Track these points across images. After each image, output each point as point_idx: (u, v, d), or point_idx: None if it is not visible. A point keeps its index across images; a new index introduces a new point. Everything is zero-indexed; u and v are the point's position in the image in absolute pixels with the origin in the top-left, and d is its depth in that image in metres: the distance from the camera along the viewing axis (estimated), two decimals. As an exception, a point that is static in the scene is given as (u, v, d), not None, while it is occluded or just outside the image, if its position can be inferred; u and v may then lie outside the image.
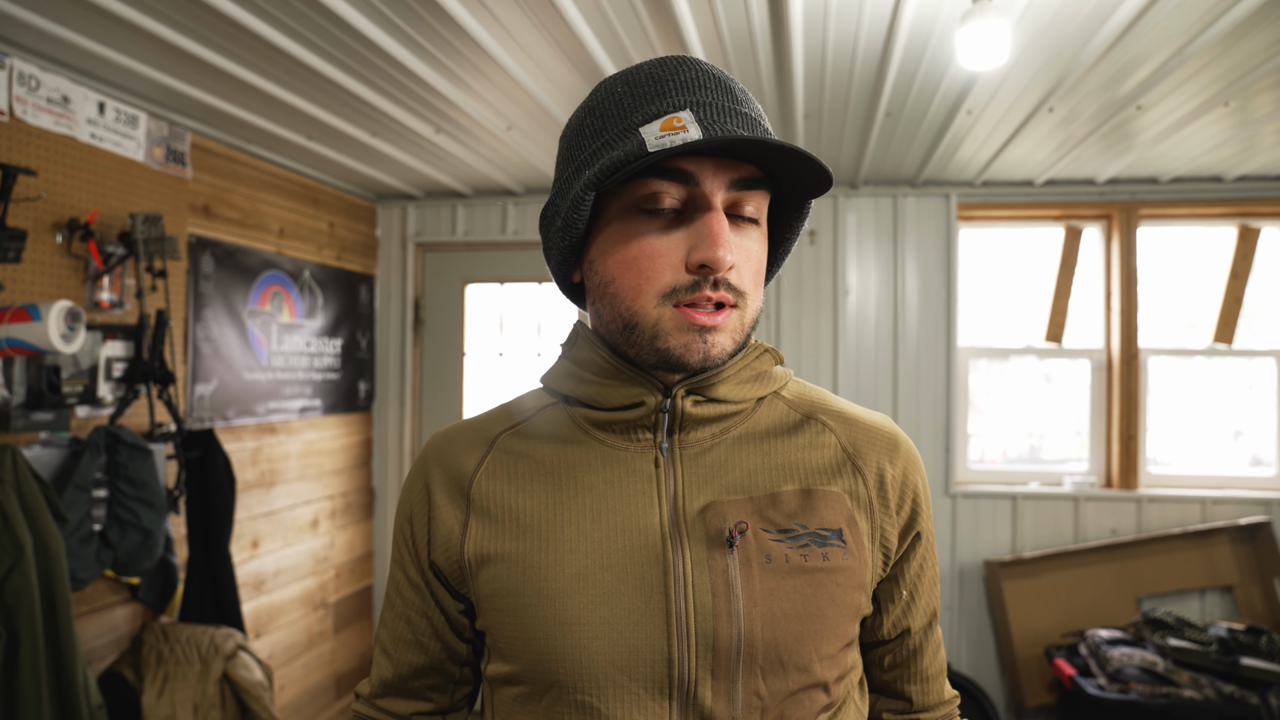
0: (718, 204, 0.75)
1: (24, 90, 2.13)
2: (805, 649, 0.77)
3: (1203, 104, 2.58)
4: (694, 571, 0.76)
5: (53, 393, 2.12)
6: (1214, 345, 3.61)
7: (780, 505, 0.80)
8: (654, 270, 0.75)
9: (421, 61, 2.25)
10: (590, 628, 0.76)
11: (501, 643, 0.80)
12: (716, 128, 0.73)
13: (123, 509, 2.23)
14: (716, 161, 0.75)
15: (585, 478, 0.81)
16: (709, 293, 0.74)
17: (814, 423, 0.86)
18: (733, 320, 0.77)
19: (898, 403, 3.66)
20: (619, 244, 0.77)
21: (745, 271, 0.77)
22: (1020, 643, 3.43)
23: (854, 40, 2.17)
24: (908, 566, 0.87)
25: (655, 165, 0.74)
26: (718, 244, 0.73)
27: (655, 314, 0.76)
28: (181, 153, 2.70)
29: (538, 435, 0.86)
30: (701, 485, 0.80)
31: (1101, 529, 3.52)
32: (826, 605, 0.78)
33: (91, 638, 2.34)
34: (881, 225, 3.70)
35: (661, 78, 0.78)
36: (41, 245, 2.18)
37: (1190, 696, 2.84)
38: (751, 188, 0.77)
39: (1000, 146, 3.07)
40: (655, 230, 0.76)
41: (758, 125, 0.77)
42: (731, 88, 0.79)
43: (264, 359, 3.14)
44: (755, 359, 0.86)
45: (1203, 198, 3.53)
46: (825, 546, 0.79)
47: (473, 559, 0.82)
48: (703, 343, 0.76)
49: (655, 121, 0.74)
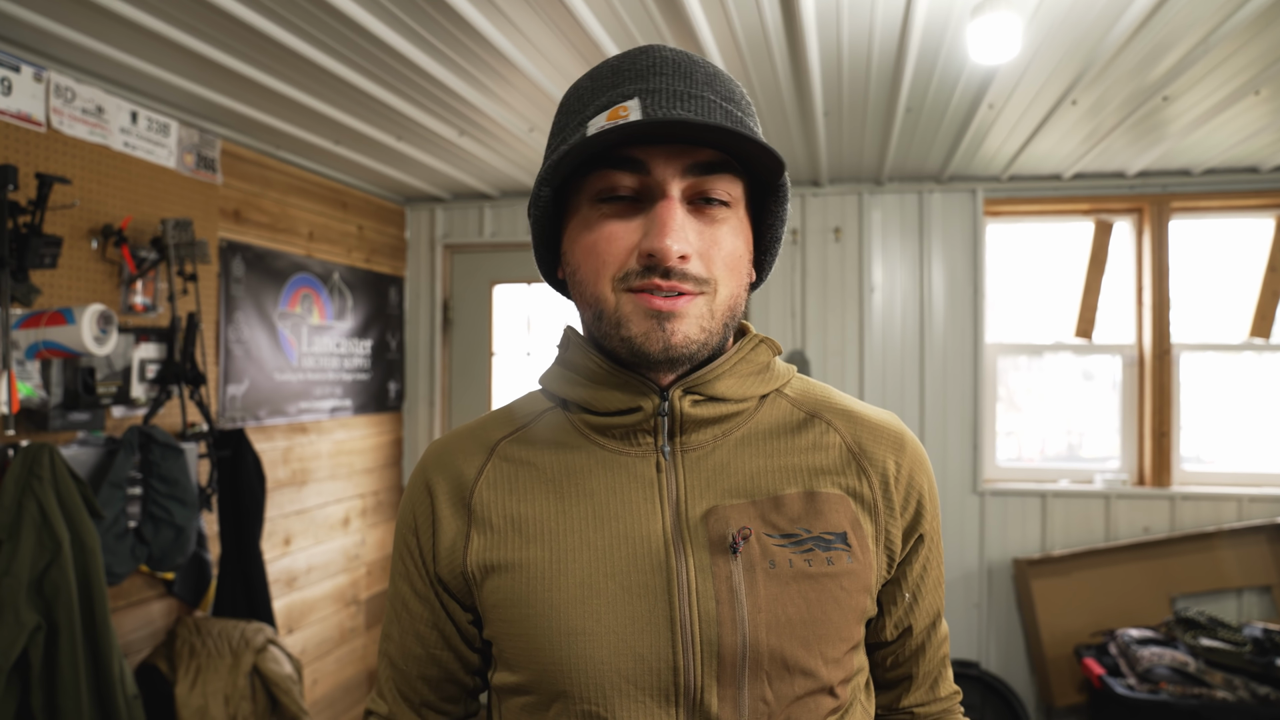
0: (672, 192, 0.73)
1: (60, 102, 2.21)
2: (811, 654, 0.76)
3: (1233, 93, 2.53)
4: (697, 578, 0.75)
5: (88, 394, 2.19)
6: (1250, 340, 3.53)
7: (784, 509, 0.79)
8: (610, 254, 0.75)
9: (442, 67, 2.29)
10: (595, 637, 0.75)
11: (508, 653, 0.80)
12: (659, 112, 0.71)
13: (156, 506, 2.30)
14: (669, 148, 0.73)
15: (587, 484, 0.80)
16: (659, 281, 0.73)
17: (818, 422, 0.85)
18: (697, 307, 0.75)
19: (924, 400, 3.63)
20: (582, 232, 0.77)
21: (713, 258, 0.75)
22: (1049, 642, 3.38)
23: (869, 36, 2.17)
24: (910, 568, 0.86)
25: (607, 155, 0.74)
26: (664, 233, 0.71)
27: (614, 300, 0.75)
28: (212, 159, 2.77)
29: (538, 441, 0.85)
30: (704, 489, 0.79)
31: (1133, 527, 3.47)
32: (831, 609, 0.77)
33: (129, 631, 2.42)
34: (907, 222, 3.68)
35: (619, 68, 0.78)
36: (77, 251, 2.26)
37: (1223, 698, 2.79)
38: (714, 172, 0.75)
39: (1025, 140, 3.03)
40: (613, 217, 0.75)
41: (714, 108, 0.75)
42: (693, 73, 0.77)
43: (294, 360, 3.21)
44: (752, 350, 0.84)
45: (1238, 189, 3.46)
46: (829, 550, 0.78)
47: (476, 570, 0.81)
48: (662, 330, 0.73)
49: (603, 113, 0.73)
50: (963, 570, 3.59)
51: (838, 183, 3.70)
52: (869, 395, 3.62)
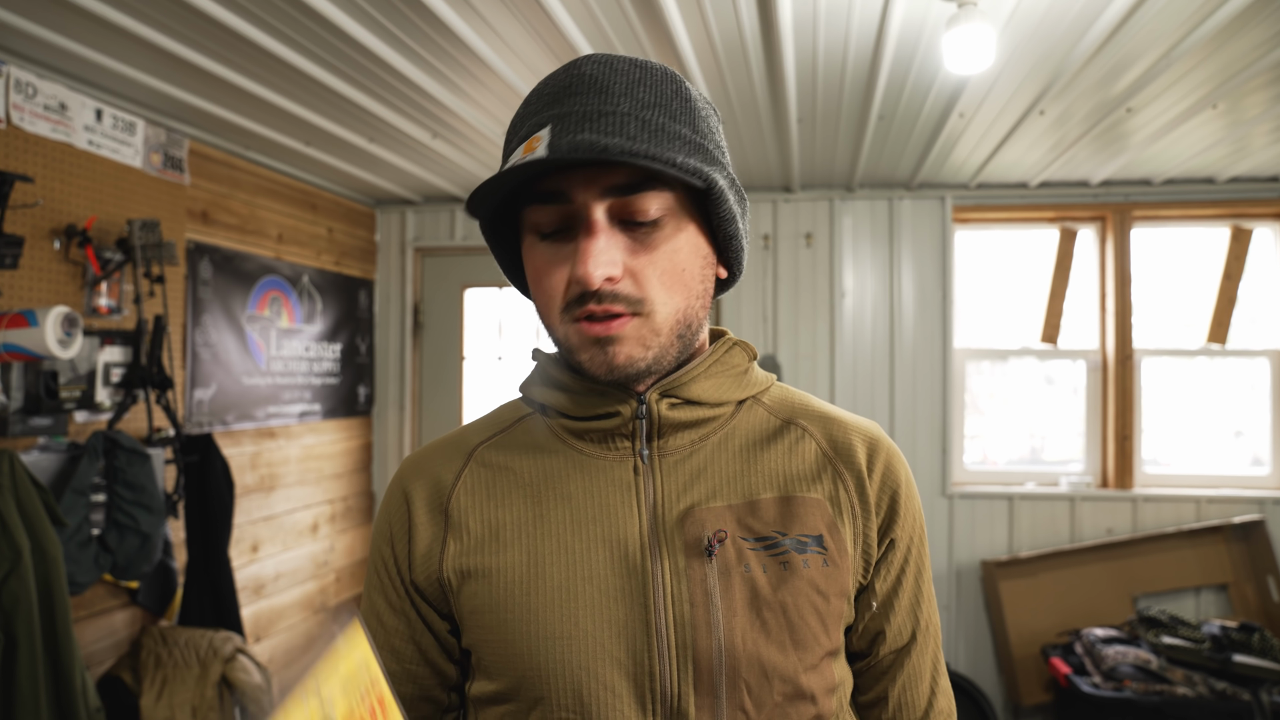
0: (596, 215, 0.72)
1: (21, 98, 2.15)
2: (788, 659, 0.76)
3: (1192, 105, 2.60)
4: (673, 581, 0.75)
5: (50, 398, 2.13)
6: (1208, 345, 3.63)
7: (759, 513, 0.79)
8: (551, 288, 0.75)
9: (416, 67, 2.27)
10: (574, 641, 0.75)
11: (486, 660, 0.79)
12: (564, 141, 0.69)
13: (121, 513, 2.24)
14: (587, 171, 0.71)
15: (564, 488, 0.80)
16: (593, 307, 0.73)
17: (794, 428, 0.84)
18: (634, 328, 0.74)
19: (894, 404, 3.67)
20: (529, 264, 0.78)
21: (647, 277, 0.73)
22: (1017, 642, 3.44)
23: (844, 44, 2.19)
24: (880, 575, 0.83)
25: (530, 189, 0.73)
26: (583, 261, 0.71)
27: (563, 330, 0.76)
28: (179, 159, 2.72)
29: (516, 446, 0.85)
30: (680, 493, 0.79)
31: (1097, 529, 3.54)
32: (808, 613, 0.77)
33: (91, 641, 2.36)
34: (877, 228, 3.72)
35: (543, 90, 0.76)
36: (39, 251, 2.20)
37: (1183, 694, 2.85)
38: (637, 190, 0.72)
39: (994, 149, 3.09)
40: (547, 252, 0.75)
41: (628, 122, 0.71)
42: (611, 86, 0.74)
43: (263, 364, 3.16)
44: (725, 353, 0.84)
45: (1196, 199, 3.55)
46: (805, 553, 0.78)
47: (452, 576, 0.80)
48: (604, 354, 0.74)
49: (522, 145, 0.73)
50: (932, 572, 3.62)
51: (810, 189, 3.73)
52: (840, 400, 3.65)
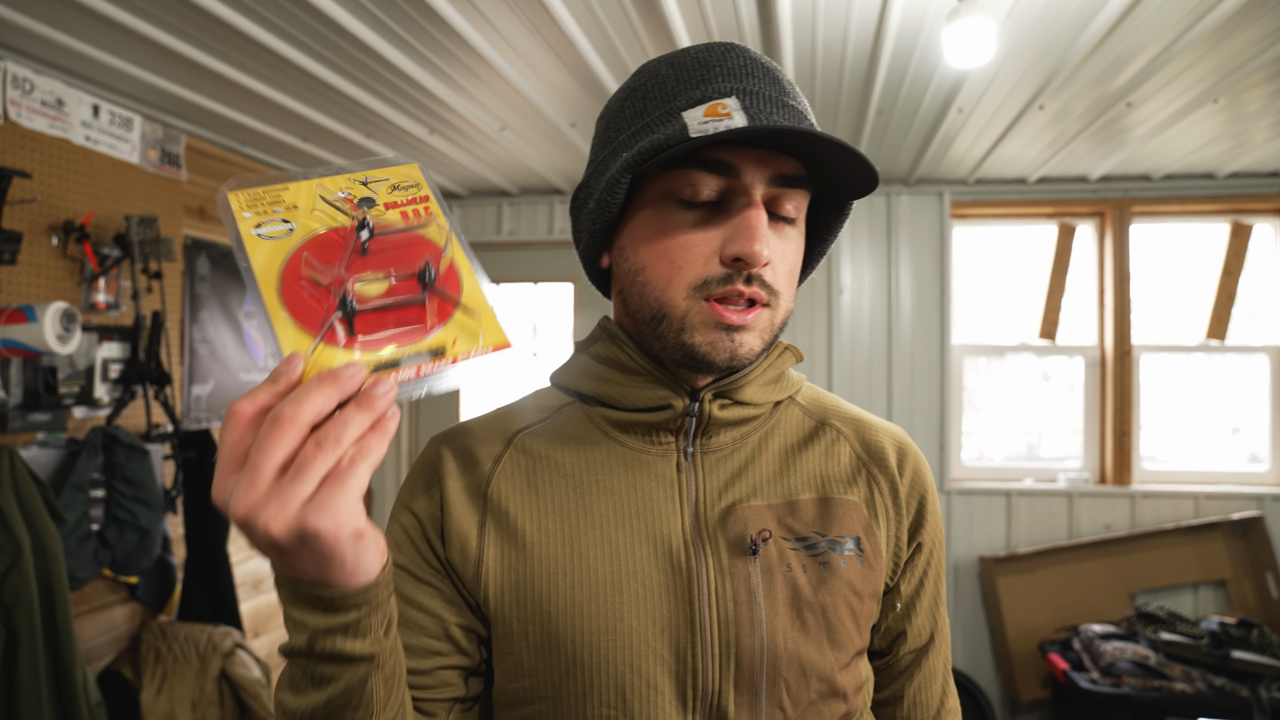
0: (758, 198, 0.72)
1: (18, 93, 2.15)
2: (825, 659, 0.76)
3: (1192, 101, 2.59)
4: (717, 579, 0.74)
5: (49, 394, 2.13)
6: (1207, 341, 3.63)
7: (799, 513, 0.79)
8: (686, 261, 0.73)
9: (413, 63, 2.27)
10: (619, 636, 0.73)
11: (519, 653, 0.76)
12: (762, 117, 0.70)
13: (120, 509, 2.24)
14: (759, 154, 0.71)
15: (608, 481, 0.79)
16: (741, 287, 0.72)
17: (829, 429, 0.85)
18: (763, 320, 0.75)
19: (892, 401, 3.67)
20: (652, 232, 0.74)
21: (780, 270, 0.75)
22: (1014, 638, 3.44)
23: (843, 38, 2.19)
24: (906, 577, 0.85)
25: (695, 155, 0.71)
26: (754, 237, 0.70)
27: (684, 306, 0.73)
28: (176, 155, 2.71)
29: (557, 436, 0.82)
30: (722, 490, 0.79)
31: (1095, 525, 3.54)
32: (845, 614, 0.77)
33: (91, 637, 2.36)
34: (875, 223, 3.72)
35: (708, 62, 0.75)
36: (37, 247, 2.20)
37: (1182, 689, 2.86)
38: (793, 185, 0.73)
39: (992, 144, 3.08)
40: (690, 221, 0.73)
41: (804, 119, 0.73)
42: (779, 78, 0.76)
43: (260, 360, 3.15)
44: (778, 357, 0.84)
45: (1195, 194, 3.54)
46: (844, 555, 0.78)
47: (492, 563, 0.77)
48: (730, 342, 0.73)
49: (699, 106, 0.71)
50: (930, 568, 3.63)
51: (808, 184, 3.72)
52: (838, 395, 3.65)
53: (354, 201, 0.61)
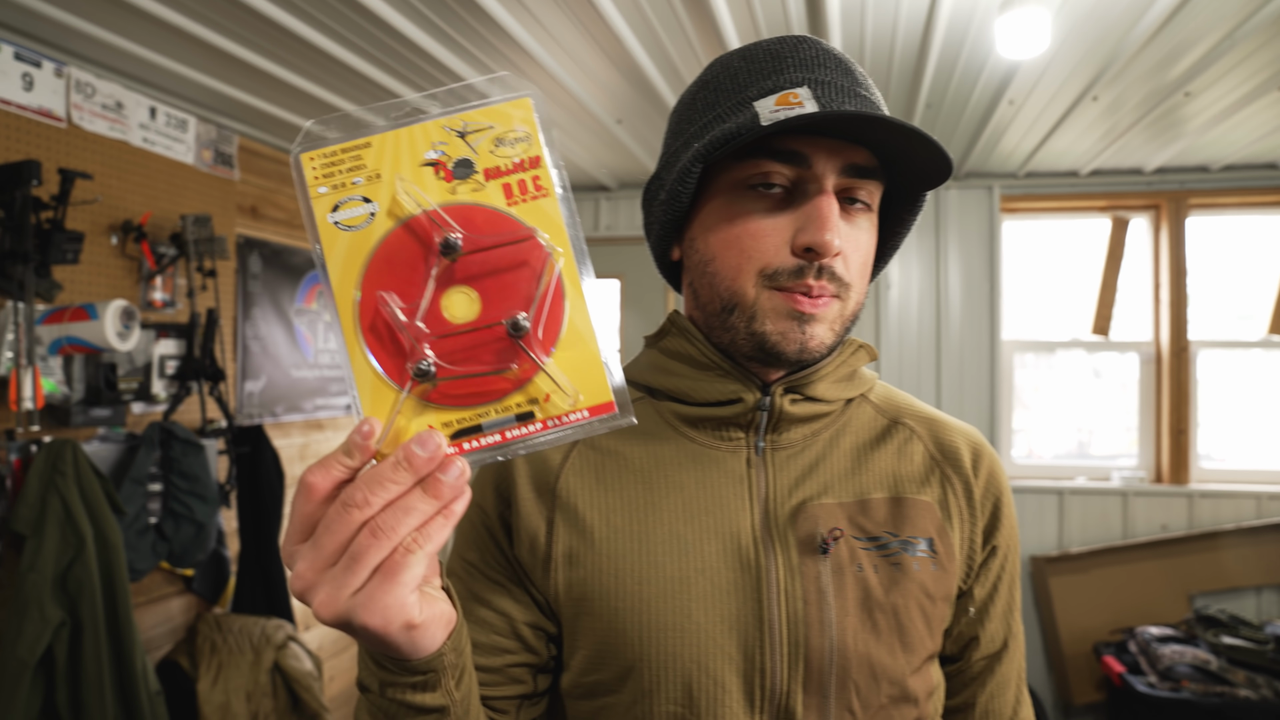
0: (829, 187, 0.71)
1: (80, 97, 2.21)
2: (897, 662, 0.74)
3: (1254, 89, 2.52)
4: (786, 578, 0.73)
5: (109, 389, 2.19)
6: (1268, 337, 3.52)
7: (871, 513, 0.77)
8: (757, 250, 0.72)
9: (461, 60, 2.29)
10: (686, 634, 0.72)
11: (588, 648, 0.76)
12: (834, 105, 0.69)
13: (177, 502, 2.29)
14: (831, 144, 0.71)
15: (677, 477, 0.78)
16: (811, 280, 0.71)
17: (901, 428, 0.83)
18: (833, 311, 0.73)
19: (941, 397, 3.62)
20: (722, 221, 0.74)
21: (853, 261, 0.73)
22: (1068, 640, 3.37)
23: (892, 31, 2.16)
24: (980, 581, 0.82)
25: (767, 144, 0.71)
26: (825, 227, 0.69)
27: (755, 295, 0.73)
28: (229, 155, 2.76)
29: (625, 431, 0.81)
30: (792, 488, 0.77)
31: (1151, 525, 3.45)
32: (917, 616, 0.75)
33: (149, 627, 2.42)
34: (924, 218, 3.66)
35: (780, 54, 0.75)
36: (98, 247, 2.26)
37: (1246, 696, 2.77)
38: (866, 176, 0.73)
39: (1043, 137, 3.02)
40: (761, 209, 0.72)
41: (877, 109, 0.73)
42: (852, 69, 0.75)
43: (311, 357, 3.20)
44: (851, 355, 0.83)
45: (1256, 185, 3.44)
46: (916, 556, 0.76)
47: (561, 559, 0.76)
48: (800, 332, 0.72)
49: (771, 96, 0.71)
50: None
51: (853, 179, 3.69)
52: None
53: (448, 168, 0.51)
